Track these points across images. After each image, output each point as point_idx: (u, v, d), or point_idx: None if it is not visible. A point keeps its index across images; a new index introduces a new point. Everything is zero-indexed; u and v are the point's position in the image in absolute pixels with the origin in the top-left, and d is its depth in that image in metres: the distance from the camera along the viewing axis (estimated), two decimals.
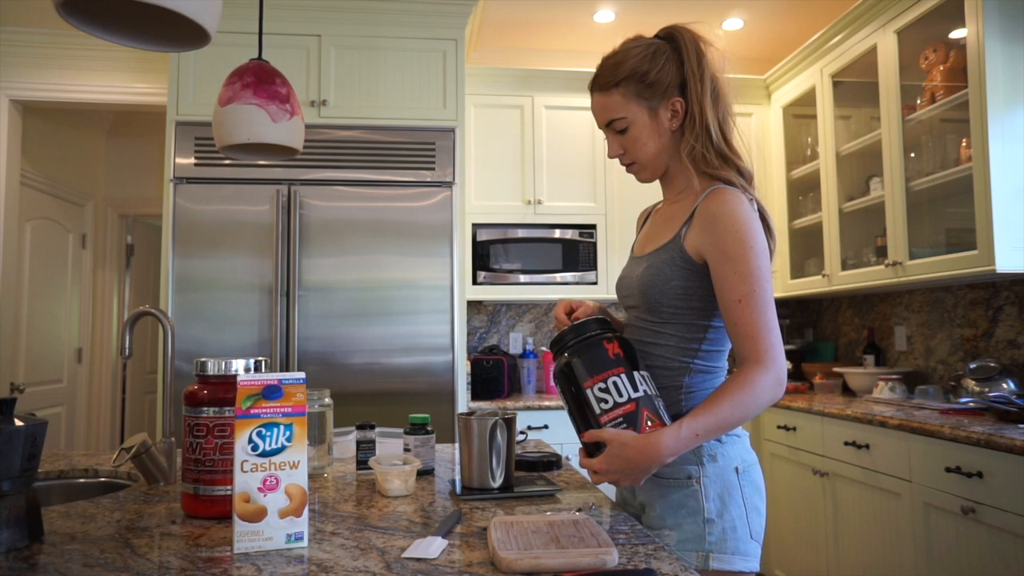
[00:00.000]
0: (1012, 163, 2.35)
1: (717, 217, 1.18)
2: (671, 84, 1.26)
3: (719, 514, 1.18)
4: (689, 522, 1.18)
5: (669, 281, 1.23)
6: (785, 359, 1.16)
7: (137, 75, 3.41)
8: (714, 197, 1.21)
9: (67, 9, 1.07)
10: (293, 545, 0.98)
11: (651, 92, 1.26)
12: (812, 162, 3.43)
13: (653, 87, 1.25)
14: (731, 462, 1.22)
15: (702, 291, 1.23)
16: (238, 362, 1.18)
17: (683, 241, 1.23)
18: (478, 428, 1.31)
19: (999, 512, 1.92)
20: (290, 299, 2.85)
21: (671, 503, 1.20)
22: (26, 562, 0.92)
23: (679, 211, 1.29)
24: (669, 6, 3.54)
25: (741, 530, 1.19)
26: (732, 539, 1.18)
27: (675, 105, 1.26)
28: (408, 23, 3.05)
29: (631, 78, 1.26)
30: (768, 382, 1.13)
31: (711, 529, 1.18)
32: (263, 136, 1.62)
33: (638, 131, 1.27)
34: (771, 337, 1.14)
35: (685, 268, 1.23)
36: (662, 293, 1.24)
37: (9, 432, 0.96)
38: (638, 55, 1.26)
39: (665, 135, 1.28)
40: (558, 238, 3.52)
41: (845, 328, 3.70)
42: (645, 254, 1.31)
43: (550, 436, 3.13)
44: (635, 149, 1.29)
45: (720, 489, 1.19)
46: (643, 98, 1.26)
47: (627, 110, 1.27)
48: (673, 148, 1.30)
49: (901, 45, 2.78)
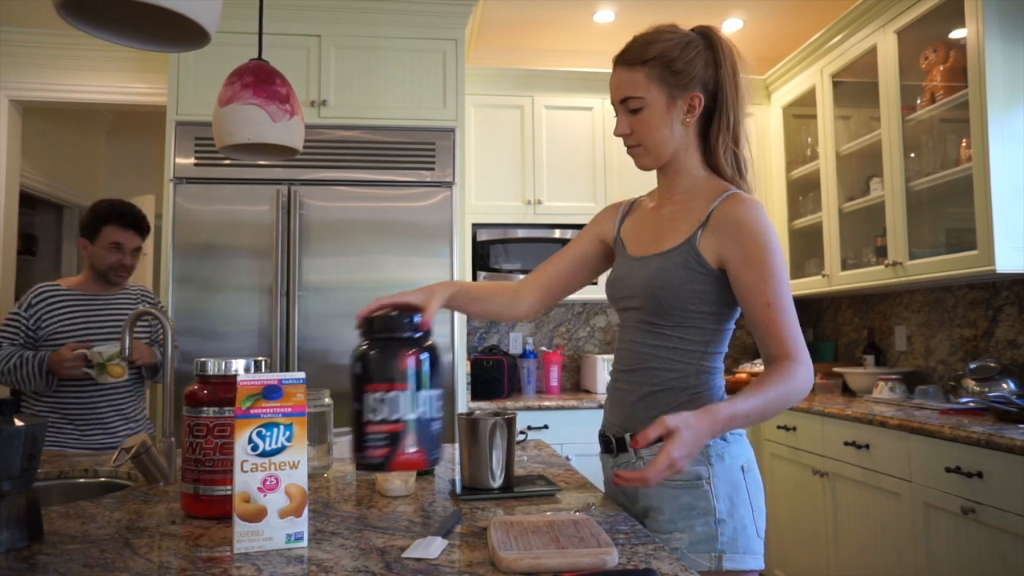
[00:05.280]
0: (1012, 163, 2.35)
1: (741, 224, 1.19)
2: (695, 78, 1.25)
3: (729, 514, 1.18)
4: (701, 523, 1.18)
5: (684, 284, 1.22)
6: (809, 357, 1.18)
7: (137, 75, 3.41)
8: (734, 203, 1.21)
9: (67, 9, 1.07)
10: (293, 545, 0.98)
11: (675, 80, 1.25)
12: (812, 162, 3.43)
13: (678, 75, 1.25)
14: (737, 461, 1.22)
15: (715, 295, 1.23)
16: (238, 362, 1.18)
17: (698, 244, 1.22)
18: (478, 428, 1.31)
19: (999, 512, 1.92)
20: (290, 299, 2.85)
21: (682, 506, 1.20)
22: (26, 562, 0.92)
23: (688, 213, 1.27)
24: (669, 6, 3.54)
25: (750, 528, 1.20)
26: (743, 538, 1.18)
27: (693, 100, 1.26)
28: (408, 23, 3.05)
29: (659, 60, 1.25)
30: (803, 374, 1.14)
31: (723, 529, 1.18)
32: (263, 136, 1.62)
33: (652, 115, 1.26)
34: (799, 337, 1.17)
35: (700, 272, 1.22)
36: (676, 296, 1.23)
37: (9, 432, 0.96)
38: (671, 41, 1.26)
39: (676, 126, 1.27)
40: (558, 238, 3.52)
41: (845, 328, 3.70)
42: (651, 255, 1.29)
43: (550, 436, 3.13)
44: (644, 132, 1.27)
45: (729, 489, 1.20)
46: (666, 83, 1.25)
47: (647, 91, 1.25)
48: (681, 143, 1.29)
49: (901, 45, 2.78)
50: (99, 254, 2.33)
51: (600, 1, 3.52)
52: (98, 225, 2.33)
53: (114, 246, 2.33)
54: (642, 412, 1.27)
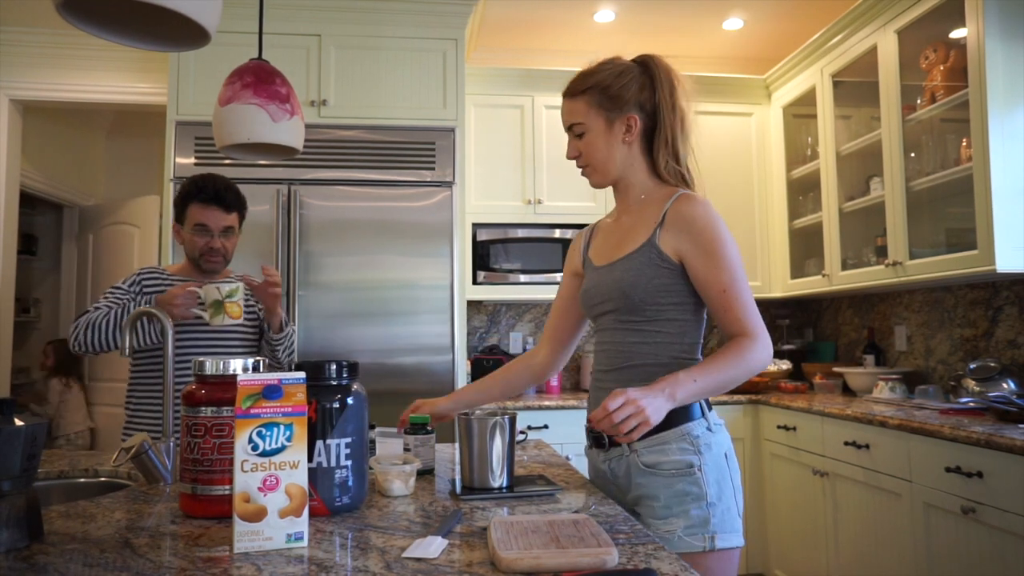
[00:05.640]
0: (1012, 163, 2.35)
1: (693, 219, 1.32)
2: (629, 101, 1.39)
3: (718, 497, 1.29)
4: (695, 508, 1.28)
5: (652, 280, 1.34)
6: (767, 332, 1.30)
7: (137, 75, 3.41)
8: (685, 201, 1.34)
9: (67, 9, 1.07)
10: (293, 545, 0.98)
11: (611, 104, 1.39)
12: (812, 162, 3.43)
13: (613, 100, 1.39)
14: (721, 448, 1.34)
15: (682, 287, 1.35)
16: (236, 362, 1.18)
17: (658, 242, 1.34)
18: (478, 428, 1.31)
19: (999, 512, 1.92)
20: (290, 299, 2.85)
21: (676, 492, 1.29)
22: (26, 562, 0.92)
23: (645, 218, 1.39)
24: (669, 6, 3.54)
25: (733, 509, 1.32)
26: (729, 518, 1.30)
27: (630, 121, 1.39)
28: (408, 23, 3.05)
29: (596, 88, 1.40)
30: (759, 348, 1.27)
31: (714, 512, 1.28)
32: (263, 136, 1.62)
33: (593, 137, 1.41)
34: (755, 316, 1.30)
35: (663, 267, 1.33)
36: (646, 292, 1.34)
37: (9, 432, 0.96)
38: (607, 71, 1.41)
39: (618, 146, 1.41)
40: (558, 238, 3.52)
41: (845, 328, 3.70)
42: (616, 260, 1.40)
43: (550, 436, 3.13)
44: (590, 153, 1.42)
45: (717, 475, 1.31)
46: (603, 108, 1.40)
47: (587, 116, 1.41)
48: (626, 160, 1.42)
49: (901, 45, 2.78)
50: (188, 239, 2.07)
51: (600, 1, 3.52)
52: (183, 205, 2.06)
53: (200, 228, 2.04)
54: None
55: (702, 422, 1.33)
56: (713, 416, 1.36)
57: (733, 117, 3.74)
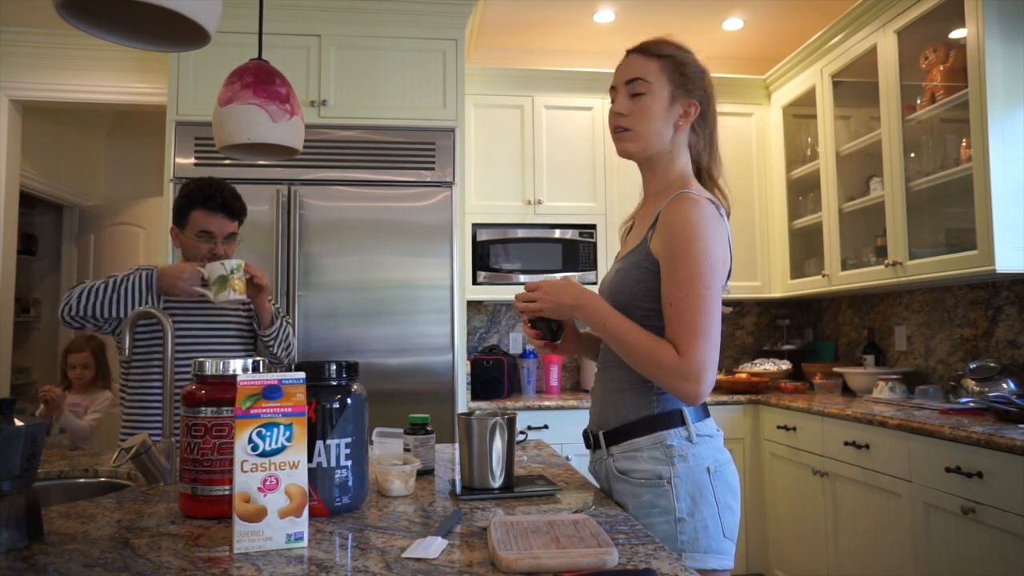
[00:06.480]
0: (1012, 163, 2.35)
1: (671, 221, 1.25)
2: (696, 88, 1.35)
3: (690, 513, 1.22)
4: (661, 521, 1.22)
5: (637, 283, 1.29)
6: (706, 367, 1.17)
7: (137, 75, 3.41)
8: (675, 202, 1.27)
9: (67, 9, 1.07)
10: (293, 545, 0.98)
11: (682, 81, 1.34)
12: (812, 162, 3.43)
13: (686, 79, 1.34)
14: (702, 462, 1.25)
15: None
16: (235, 362, 1.18)
17: (649, 244, 1.30)
18: (478, 428, 1.31)
19: (999, 512, 1.92)
20: (290, 299, 2.85)
21: (643, 503, 1.24)
22: (26, 562, 0.92)
23: (649, 215, 1.35)
24: (669, 6, 3.54)
25: (713, 529, 1.22)
26: (704, 537, 1.21)
27: (690, 107, 1.34)
28: (408, 23, 3.05)
29: (673, 59, 1.34)
30: (672, 368, 1.17)
31: (682, 528, 1.21)
32: (263, 136, 1.62)
33: (651, 102, 1.33)
34: (695, 341, 1.18)
35: (651, 270, 1.28)
36: (631, 295, 1.30)
37: (9, 432, 0.96)
38: (685, 51, 1.36)
39: (668, 125, 1.34)
40: (558, 238, 3.52)
41: (845, 328, 3.70)
42: (621, 257, 1.39)
43: (550, 436, 3.13)
44: (640, 116, 1.33)
45: (691, 489, 1.23)
46: (673, 81, 1.33)
47: (657, 79, 1.33)
48: (669, 142, 1.35)
49: (901, 45, 2.78)
50: (190, 244, 2.05)
51: (600, 1, 3.52)
52: (186, 210, 2.04)
53: (204, 235, 2.03)
54: (611, 410, 1.34)
55: (681, 431, 1.25)
56: (703, 427, 1.28)
57: (733, 117, 3.74)
